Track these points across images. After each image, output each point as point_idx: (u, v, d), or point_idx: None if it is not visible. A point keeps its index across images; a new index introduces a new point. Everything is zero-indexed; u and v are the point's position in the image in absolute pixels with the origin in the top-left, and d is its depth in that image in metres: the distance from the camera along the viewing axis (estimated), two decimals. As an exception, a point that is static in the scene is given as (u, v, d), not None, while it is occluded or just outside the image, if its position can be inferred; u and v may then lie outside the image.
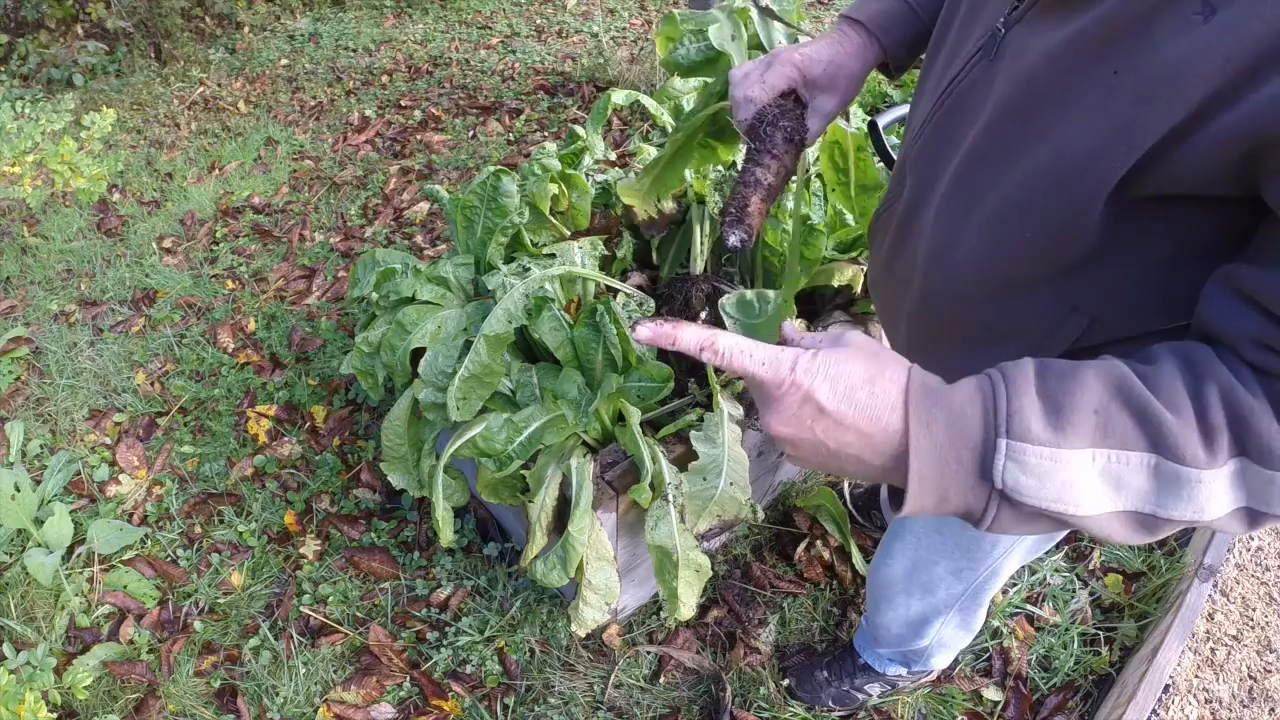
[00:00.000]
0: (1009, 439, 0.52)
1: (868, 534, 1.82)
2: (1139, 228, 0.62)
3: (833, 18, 4.16)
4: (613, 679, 1.60)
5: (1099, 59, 0.59)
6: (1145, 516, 0.54)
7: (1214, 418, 0.52)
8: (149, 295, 2.58)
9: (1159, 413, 0.52)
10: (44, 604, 1.76)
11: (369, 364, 1.55)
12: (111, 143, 3.27)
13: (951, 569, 1.12)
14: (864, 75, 0.92)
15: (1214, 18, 0.51)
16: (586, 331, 1.38)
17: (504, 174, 1.54)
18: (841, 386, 0.55)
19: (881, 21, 0.90)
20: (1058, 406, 0.53)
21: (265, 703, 1.59)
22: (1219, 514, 0.54)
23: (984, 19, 0.73)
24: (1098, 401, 0.53)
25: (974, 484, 0.54)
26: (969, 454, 0.53)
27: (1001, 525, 0.56)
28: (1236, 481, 0.53)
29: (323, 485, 1.99)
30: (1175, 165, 0.56)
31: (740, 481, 1.32)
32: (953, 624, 1.28)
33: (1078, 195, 0.61)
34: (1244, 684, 1.64)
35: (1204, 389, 0.53)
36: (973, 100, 0.72)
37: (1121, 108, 0.57)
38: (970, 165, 0.72)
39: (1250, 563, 1.84)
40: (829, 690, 1.53)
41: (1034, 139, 0.64)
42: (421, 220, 2.81)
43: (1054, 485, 0.53)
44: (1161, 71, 0.54)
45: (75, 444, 2.11)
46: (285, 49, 4.01)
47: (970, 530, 1.02)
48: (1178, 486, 0.53)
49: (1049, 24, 0.64)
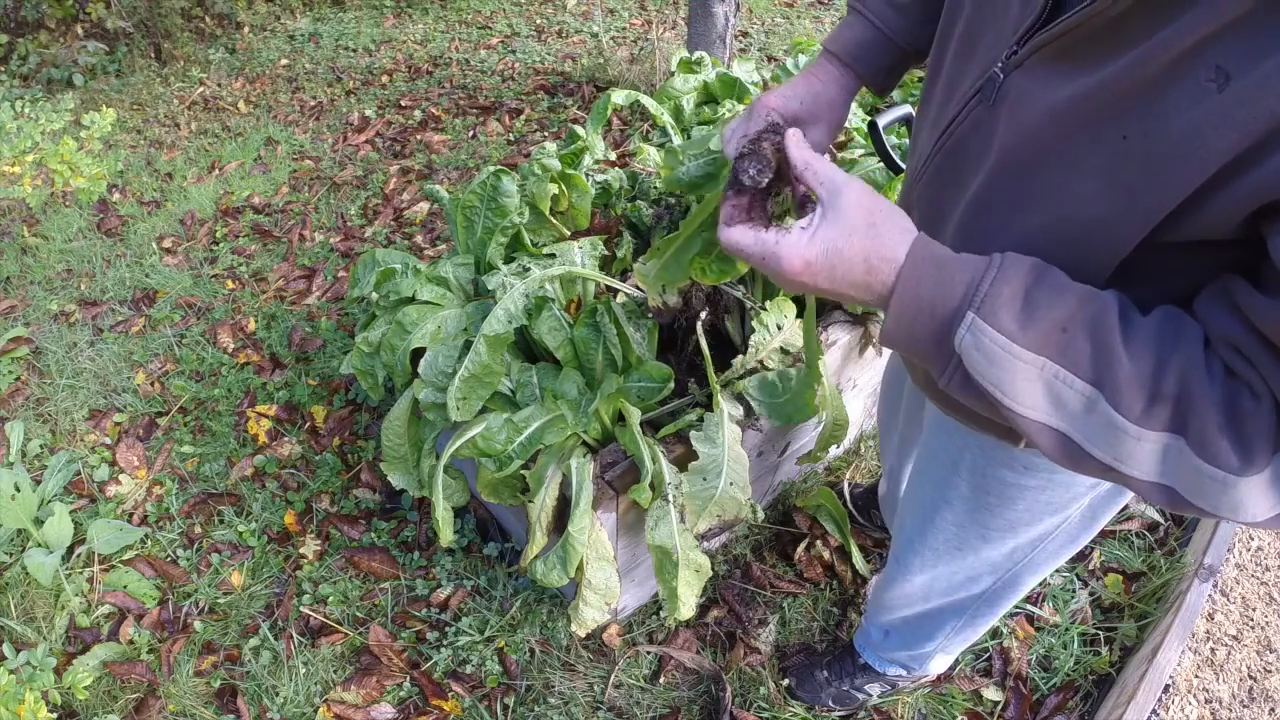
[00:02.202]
0: (976, 315, 0.58)
1: (868, 534, 1.82)
2: (1147, 272, 0.61)
3: (834, 18, 4.16)
4: (613, 679, 1.60)
5: (1106, 122, 0.57)
6: (1072, 444, 0.59)
7: (1166, 386, 0.55)
8: (149, 295, 2.58)
9: (1118, 355, 0.55)
10: (44, 604, 1.76)
11: (369, 364, 1.55)
12: (111, 143, 3.27)
13: (970, 575, 1.13)
14: (847, 101, 0.90)
15: (1228, 87, 0.49)
16: (586, 331, 1.38)
17: (504, 174, 1.54)
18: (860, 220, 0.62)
19: (854, 51, 0.89)
20: (1032, 308, 0.58)
21: (265, 703, 1.59)
22: (1139, 475, 0.58)
23: (980, 57, 0.71)
24: (1069, 320, 0.57)
25: (939, 339, 0.61)
26: (942, 311, 0.60)
27: (954, 388, 0.63)
28: (1167, 456, 0.56)
29: (323, 485, 1.99)
30: (1186, 224, 0.55)
31: (740, 481, 1.32)
32: (958, 631, 1.29)
33: (1087, 255, 0.61)
34: (1244, 684, 1.64)
35: (1171, 357, 0.55)
36: (975, 145, 0.72)
37: (1133, 177, 0.56)
38: (975, 213, 0.72)
39: (1250, 563, 1.84)
40: (829, 690, 1.53)
41: (1040, 196, 0.64)
42: (421, 220, 2.81)
43: (998, 371, 0.58)
44: (1174, 143, 0.53)
45: (75, 444, 2.11)
46: (285, 49, 4.01)
47: (989, 543, 1.03)
48: (1108, 429, 0.56)
49: (1051, 76, 0.62)
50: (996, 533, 1.00)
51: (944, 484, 1.02)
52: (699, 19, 2.86)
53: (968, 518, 1.02)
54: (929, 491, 1.06)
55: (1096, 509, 0.95)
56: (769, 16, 4.20)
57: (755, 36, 3.98)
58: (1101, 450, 0.58)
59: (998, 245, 0.67)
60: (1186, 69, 0.52)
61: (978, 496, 0.97)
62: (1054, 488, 0.89)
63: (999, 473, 0.92)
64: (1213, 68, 0.50)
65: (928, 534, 1.10)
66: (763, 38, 3.97)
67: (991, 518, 0.98)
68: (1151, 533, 1.86)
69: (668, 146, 1.28)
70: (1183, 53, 0.51)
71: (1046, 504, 0.92)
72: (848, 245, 0.62)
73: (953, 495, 1.01)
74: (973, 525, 1.02)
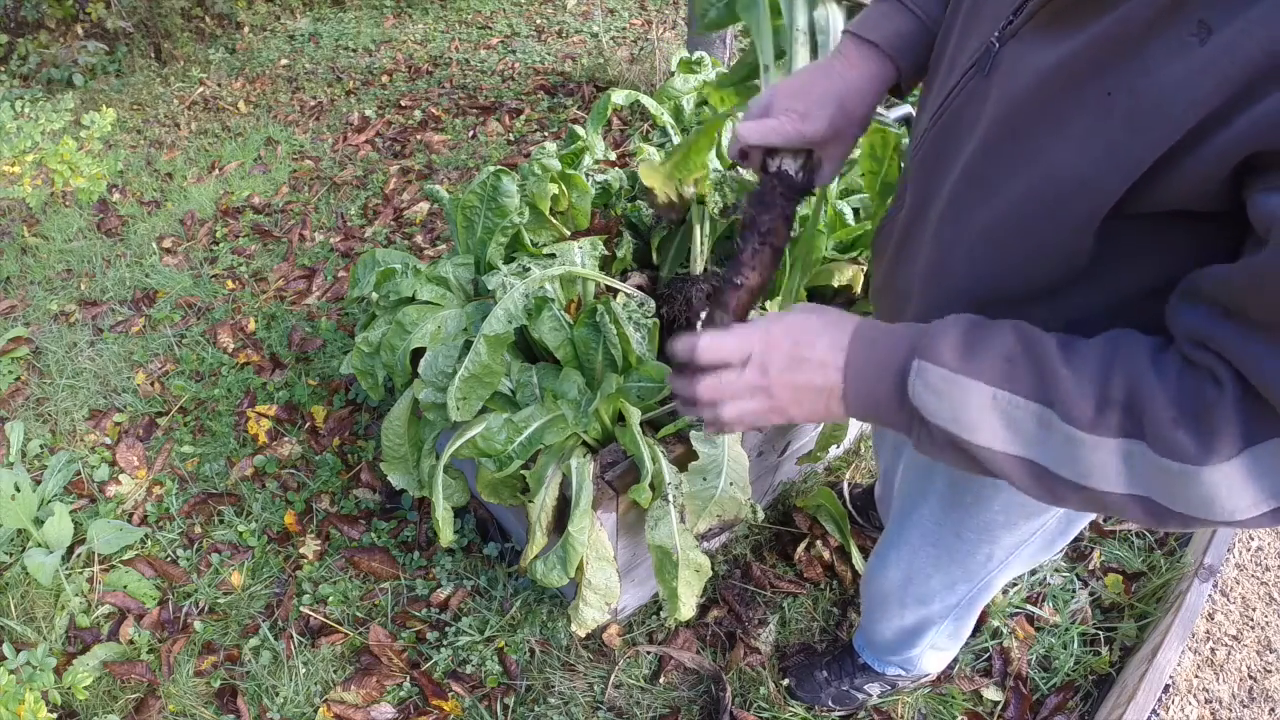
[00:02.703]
0: (921, 359, 0.62)
1: (867, 534, 1.82)
2: (1132, 245, 0.62)
3: (833, 18, 4.15)
4: (613, 679, 1.60)
5: (1091, 81, 0.58)
6: (1039, 469, 0.60)
7: (1113, 391, 0.56)
8: (149, 295, 2.58)
9: (1061, 374, 0.58)
10: (44, 604, 1.76)
11: (369, 364, 1.55)
12: (111, 143, 3.27)
13: (946, 582, 1.13)
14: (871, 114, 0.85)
15: (1210, 39, 0.50)
16: (586, 331, 1.38)
17: (504, 174, 1.54)
18: (802, 335, 0.69)
19: (897, 43, 0.83)
20: (971, 344, 0.62)
21: (265, 703, 1.59)
22: (1111, 489, 0.58)
23: (980, 31, 0.72)
24: (1009, 350, 0.61)
25: (898, 400, 0.65)
26: (892, 372, 0.64)
27: (925, 446, 0.66)
28: (1131, 463, 0.56)
29: (323, 485, 1.99)
30: (1167, 185, 0.55)
31: (740, 481, 1.32)
32: (945, 633, 1.29)
33: (1070, 219, 0.61)
34: (1244, 684, 1.64)
35: (1114, 364, 0.57)
36: (968, 116, 0.71)
37: (1114, 133, 0.56)
38: (964, 184, 0.71)
39: (1250, 563, 1.84)
40: (829, 690, 1.53)
41: (1026, 160, 0.64)
42: (421, 220, 2.81)
43: (950, 406, 0.61)
44: (1157, 96, 0.53)
45: (75, 444, 2.11)
46: (285, 49, 4.01)
47: (965, 544, 1.03)
48: (1066, 445, 0.58)
49: (1043, 41, 0.62)
50: (973, 533, 1.00)
51: (925, 478, 1.02)
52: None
53: (944, 515, 1.02)
54: (912, 484, 1.07)
55: (1072, 515, 0.95)
56: (769, 16, 4.20)
57: (755, 36, 3.98)
58: (1068, 470, 0.59)
59: (985, 215, 0.68)
60: (1169, 24, 0.52)
61: (955, 494, 0.98)
62: None
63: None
64: (1195, 22, 0.51)
65: (906, 528, 1.10)
66: (763, 38, 3.97)
67: (967, 517, 0.98)
68: (1152, 533, 1.86)
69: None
70: (1166, 8, 0.52)
71: (1021, 507, 0.92)
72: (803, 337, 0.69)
73: (930, 491, 1.02)
74: (948, 523, 1.02)
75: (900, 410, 0.65)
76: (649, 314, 1.46)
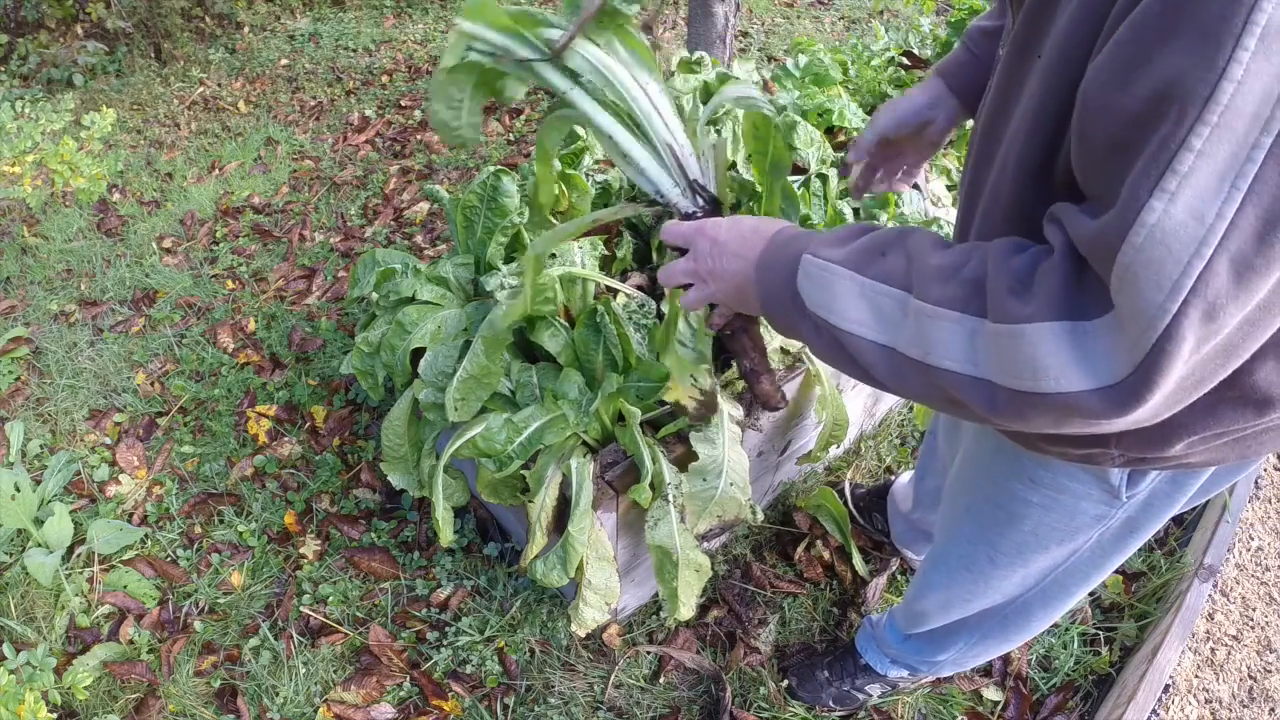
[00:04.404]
0: (807, 254, 0.70)
1: (868, 534, 1.82)
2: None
3: (833, 18, 4.15)
4: (613, 679, 1.60)
5: (1030, 49, 0.64)
6: (893, 354, 0.64)
7: (967, 271, 0.61)
8: (149, 295, 2.58)
9: (928, 261, 0.63)
10: (44, 604, 1.76)
11: (369, 364, 1.55)
12: (111, 143, 3.27)
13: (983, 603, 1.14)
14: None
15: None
16: (586, 332, 1.38)
17: (504, 174, 1.54)
18: (735, 230, 0.79)
19: (971, 93, 1.03)
20: (852, 241, 0.70)
21: (265, 703, 1.59)
22: (951, 365, 0.60)
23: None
24: (886, 245, 0.67)
25: (790, 292, 0.71)
26: (788, 267, 0.72)
27: (813, 344, 0.72)
28: (975, 341, 0.58)
29: (323, 485, 1.99)
30: (1069, 146, 0.59)
31: (740, 481, 1.32)
32: (972, 650, 1.29)
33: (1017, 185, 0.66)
34: (1244, 684, 1.64)
35: (978, 250, 0.62)
36: (980, 121, 0.78)
37: (1036, 87, 0.61)
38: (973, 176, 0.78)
39: (1250, 563, 1.84)
40: (830, 690, 1.53)
41: (997, 143, 0.70)
42: (421, 220, 2.81)
43: (825, 293, 0.68)
44: (1059, 46, 0.58)
45: (75, 444, 2.11)
46: (285, 49, 4.01)
47: (998, 569, 1.03)
48: (917, 321, 0.62)
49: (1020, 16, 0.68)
50: (1005, 556, 1.01)
51: (966, 490, 1.03)
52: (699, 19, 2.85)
53: (978, 534, 1.03)
54: (956, 498, 1.08)
55: (1107, 547, 0.95)
56: (769, 16, 4.20)
57: (755, 36, 3.98)
58: (916, 349, 0.62)
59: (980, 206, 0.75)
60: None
61: (989, 510, 0.98)
62: (1058, 509, 0.90)
63: (1009, 484, 0.93)
64: None
65: (948, 547, 1.12)
66: (763, 38, 3.97)
67: (999, 537, 0.99)
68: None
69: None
70: None
71: (1051, 529, 0.93)
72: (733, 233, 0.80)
73: (970, 504, 1.02)
74: (982, 543, 1.03)
75: (794, 304, 0.71)
76: (649, 314, 1.46)
